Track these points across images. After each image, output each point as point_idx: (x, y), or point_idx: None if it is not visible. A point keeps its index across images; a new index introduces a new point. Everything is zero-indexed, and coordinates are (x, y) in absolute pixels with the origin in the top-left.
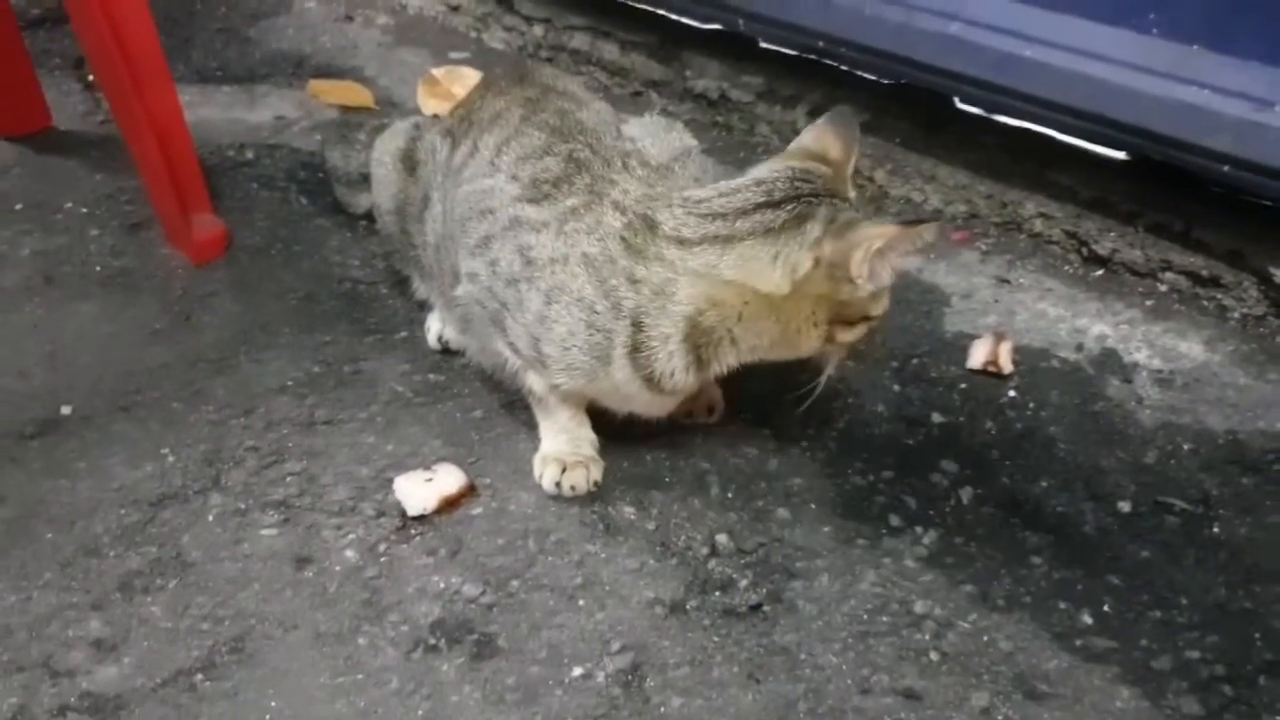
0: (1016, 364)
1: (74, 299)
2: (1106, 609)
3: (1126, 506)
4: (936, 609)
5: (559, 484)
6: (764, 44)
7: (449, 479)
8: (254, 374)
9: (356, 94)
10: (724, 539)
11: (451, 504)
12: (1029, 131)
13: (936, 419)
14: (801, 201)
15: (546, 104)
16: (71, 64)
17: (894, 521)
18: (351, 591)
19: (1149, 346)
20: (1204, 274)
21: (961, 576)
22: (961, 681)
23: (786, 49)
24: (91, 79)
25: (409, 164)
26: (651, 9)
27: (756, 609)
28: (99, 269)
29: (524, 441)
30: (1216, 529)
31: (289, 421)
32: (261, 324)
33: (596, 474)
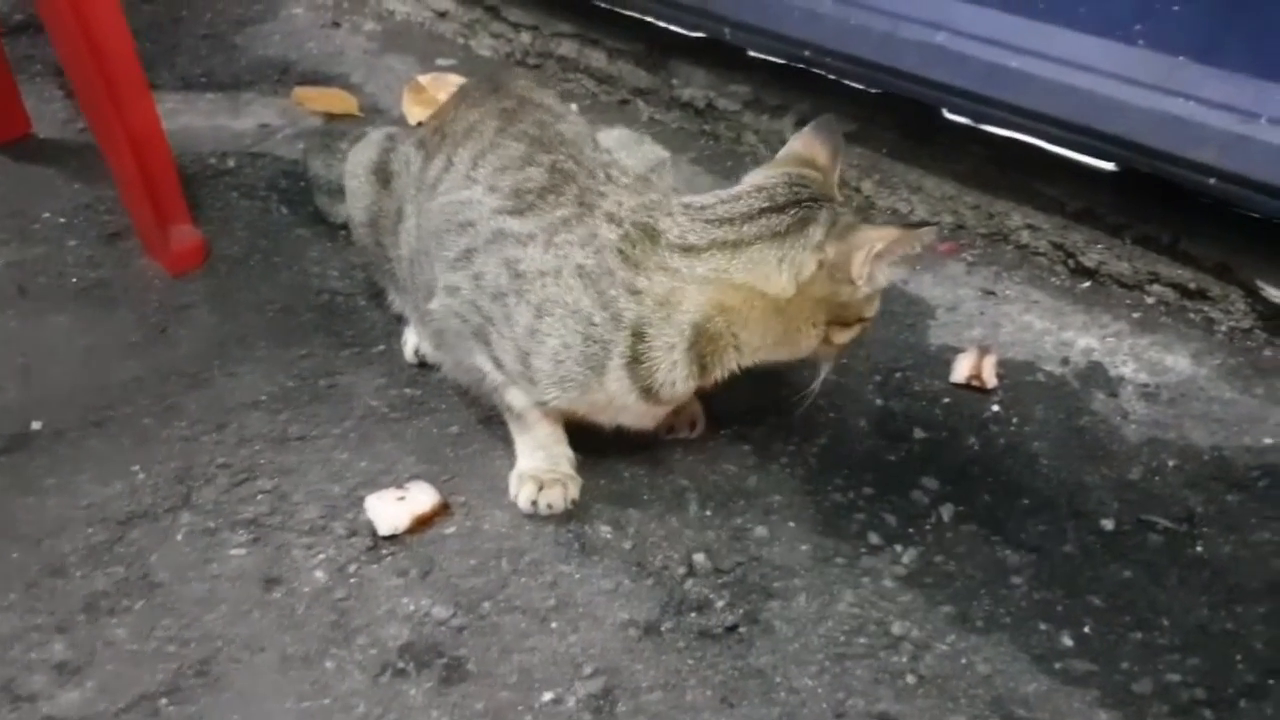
0: (1001, 378)
1: (49, 311)
2: (1087, 630)
3: (1109, 524)
4: (914, 630)
5: (535, 503)
6: (751, 53)
7: (422, 497)
8: (228, 389)
9: (342, 101)
10: (701, 558)
11: (424, 523)
12: (1017, 142)
13: (919, 434)
14: (803, 206)
15: (524, 114)
16: (53, 71)
17: (873, 539)
18: (320, 613)
19: (1135, 360)
20: (1191, 286)
21: (940, 597)
22: (938, 705)
23: (773, 58)
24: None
25: (382, 176)
26: (639, 16)
27: (732, 630)
28: (75, 280)
29: (500, 458)
30: (1200, 548)
31: (262, 438)
32: (238, 337)
33: (574, 492)
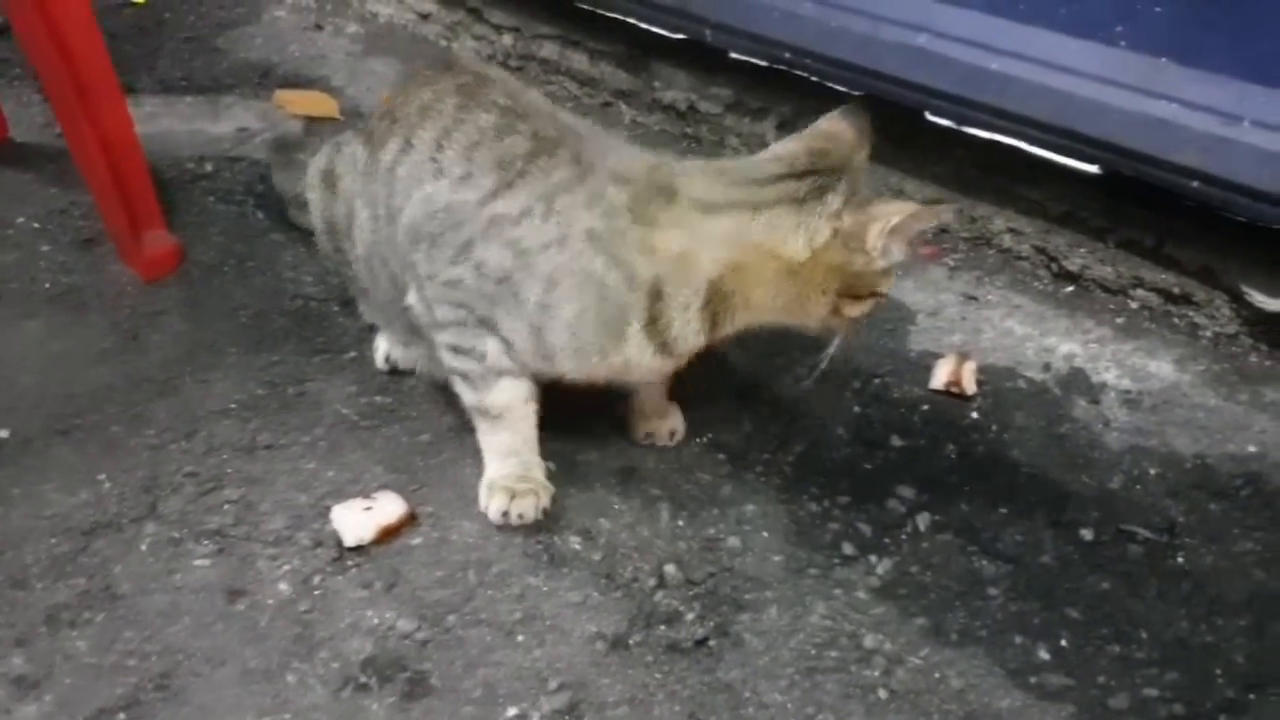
0: (981, 384)
1: (20, 317)
2: (1064, 644)
3: (1089, 534)
4: (887, 644)
5: (506, 513)
6: (733, 55)
7: (389, 507)
8: (198, 396)
9: (322, 104)
10: (672, 569)
11: (390, 534)
12: (999, 144)
13: (896, 442)
14: (821, 175)
15: (486, 87)
16: (32, 74)
17: (847, 550)
18: (283, 626)
19: (1118, 366)
20: (1176, 291)
21: (914, 609)
22: None
23: (755, 60)
24: None
25: (329, 182)
26: (621, 18)
27: (702, 644)
28: (48, 286)
29: (470, 467)
30: (1180, 558)
31: (230, 446)
32: (209, 343)
33: (546, 500)
